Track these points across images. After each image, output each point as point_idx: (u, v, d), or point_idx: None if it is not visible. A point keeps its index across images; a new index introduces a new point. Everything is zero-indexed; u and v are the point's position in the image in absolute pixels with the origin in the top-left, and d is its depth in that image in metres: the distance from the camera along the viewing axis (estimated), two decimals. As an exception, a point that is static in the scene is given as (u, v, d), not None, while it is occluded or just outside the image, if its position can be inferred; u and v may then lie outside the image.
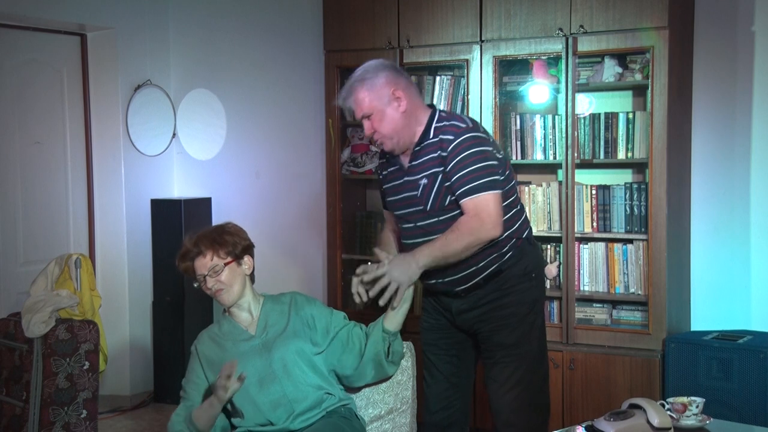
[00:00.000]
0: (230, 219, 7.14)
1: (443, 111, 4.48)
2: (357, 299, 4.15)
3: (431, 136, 4.30)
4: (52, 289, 5.79)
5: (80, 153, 7.24)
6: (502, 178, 4.28)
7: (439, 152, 4.25)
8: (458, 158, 4.18)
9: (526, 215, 4.48)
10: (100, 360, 5.80)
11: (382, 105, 4.22)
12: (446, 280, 4.33)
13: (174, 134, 7.59)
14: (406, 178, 4.35)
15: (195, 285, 4.30)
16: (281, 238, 7.36)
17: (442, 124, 4.32)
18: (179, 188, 7.71)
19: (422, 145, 4.32)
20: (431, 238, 4.27)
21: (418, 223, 4.37)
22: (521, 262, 4.36)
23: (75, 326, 5.61)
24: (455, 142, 4.21)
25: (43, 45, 6.97)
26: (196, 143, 7.54)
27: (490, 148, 4.26)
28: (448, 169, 4.20)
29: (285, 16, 7.27)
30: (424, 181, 4.30)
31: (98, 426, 5.72)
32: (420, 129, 4.33)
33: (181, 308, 7.24)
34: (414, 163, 4.32)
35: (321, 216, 6.85)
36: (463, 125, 4.30)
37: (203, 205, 7.45)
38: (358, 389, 4.38)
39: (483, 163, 4.16)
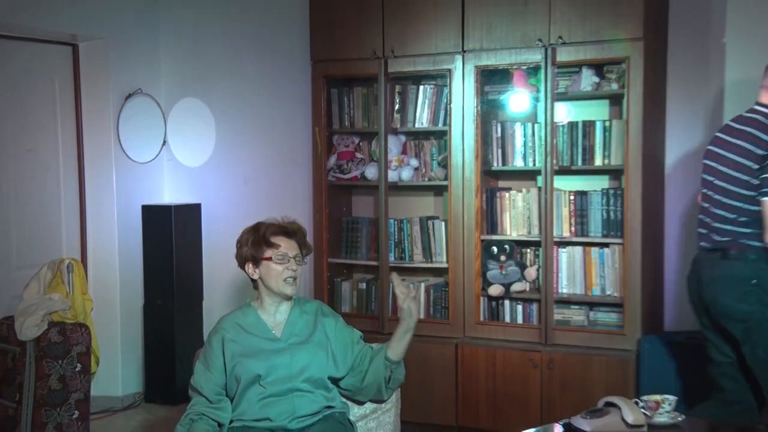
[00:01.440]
0: (219, 224, 7.31)
1: None
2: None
3: None
4: (44, 293, 5.81)
5: (72, 160, 7.25)
6: None
7: None
8: None
9: None
10: (92, 362, 5.84)
11: None
12: None
13: (164, 142, 7.61)
14: None
15: (265, 256, 4.23)
16: (269, 243, 7.41)
17: None
18: (169, 194, 7.70)
19: None
20: None
21: None
22: None
23: (67, 329, 5.67)
24: None
25: (35, 55, 6.96)
26: (186, 150, 7.59)
27: None
28: None
29: (273, 27, 7.31)
30: None
31: (90, 426, 5.77)
32: None
33: (171, 311, 7.25)
34: None
35: (308, 221, 6.79)
36: None
37: (193, 210, 7.47)
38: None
39: None
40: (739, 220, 4.77)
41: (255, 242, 4.28)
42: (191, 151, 7.59)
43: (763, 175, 4.66)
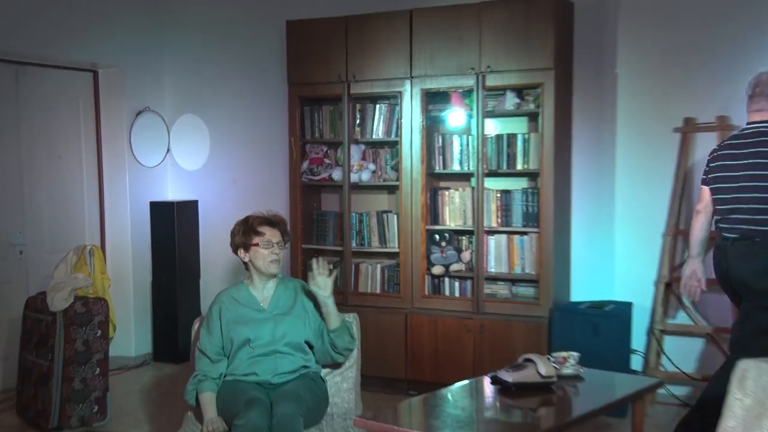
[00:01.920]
0: (213, 217, 7.35)
1: None
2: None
3: None
4: (71, 272, 5.76)
5: (93, 164, 7.20)
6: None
7: None
8: None
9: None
10: (110, 329, 5.81)
11: None
12: None
13: (168, 150, 7.54)
14: None
15: (254, 242, 4.25)
16: (254, 232, 7.40)
17: None
18: (172, 193, 7.65)
19: None
20: None
21: None
22: None
23: (89, 302, 5.65)
24: None
25: (64, 80, 6.93)
26: (185, 156, 7.55)
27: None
28: None
29: (256, 56, 7.26)
30: None
31: (109, 381, 5.74)
32: None
33: (174, 288, 7.29)
34: None
35: (285, 215, 6.43)
36: None
37: (191, 206, 7.46)
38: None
39: None
40: (759, 218, 4.56)
41: (245, 231, 4.31)
42: (190, 157, 7.55)
43: None
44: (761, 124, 4.66)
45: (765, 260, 4.48)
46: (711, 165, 4.87)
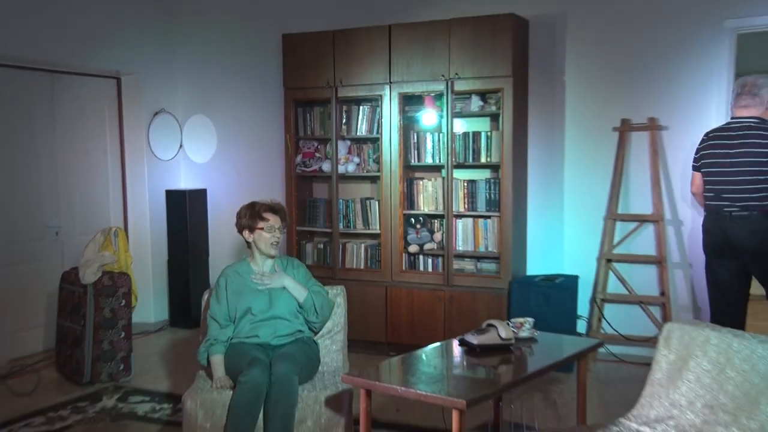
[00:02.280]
0: (220, 203, 7.37)
1: None
2: None
3: None
4: (98, 251, 5.75)
5: (117, 158, 7.20)
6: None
7: None
8: None
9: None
10: (132, 299, 5.82)
11: None
12: None
13: (180, 145, 7.53)
14: None
15: (255, 226, 4.30)
16: (255, 216, 7.39)
17: None
18: (184, 182, 7.63)
19: None
20: None
21: None
22: None
23: (115, 276, 5.68)
24: None
25: (91, 86, 6.92)
26: (195, 151, 7.54)
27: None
28: None
29: (257, 64, 7.23)
30: None
31: (132, 343, 5.78)
32: None
33: (186, 264, 7.31)
34: None
35: (281, 201, 6.38)
36: None
37: (201, 194, 7.43)
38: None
39: None
40: (754, 195, 4.80)
41: (251, 216, 4.35)
42: (199, 151, 7.55)
43: None
44: (748, 119, 4.85)
45: (757, 225, 4.79)
46: (702, 153, 5.04)
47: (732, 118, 4.98)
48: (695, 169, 5.12)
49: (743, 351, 3.29)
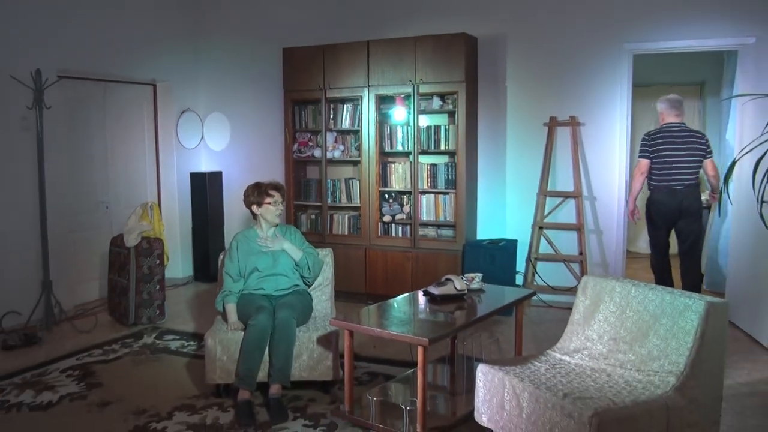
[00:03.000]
0: (232, 185, 7.34)
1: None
2: None
3: None
4: (138, 221, 5.76)
5: (152, 147, 7.12)
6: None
7: None
8: None
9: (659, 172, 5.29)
10: (165, 259, 5.84)
11: None
12: None
13: (202, 137, 7.44)
14: None
15: (260, 201, 4.27)
16: (261, 192, 7.34)
17: None
18: (205, 166, 7.53)
19: None
20: None
21: None
22: None
23: (151, 241, 5.68)
24: None
25: (133, 92, 6.86)
26: (213, 141, 7.45)
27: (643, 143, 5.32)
28: None
29: (262, 72, 7.13)
30: None
31: (165, 294, 5.80)
32: None
33: (206, 231, 7.27)
34: None
35: (282, 180, 6.71)
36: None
37: (218, 176, 7.39)
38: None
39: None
40: (695, 176, 5.26)
41: (259, 193, 4.32)
42: (217, 141, 7.44)
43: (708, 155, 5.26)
44: (680, 124, 5.30)
45: (695, 193, 5.28)
46: (654, 146, 5.28)
47: (667, 123, 5.34)
48: (646, 157, 5.31)
49: (638, 296, 3.39)
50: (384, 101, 6.34)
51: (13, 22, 5.52)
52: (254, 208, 4.35)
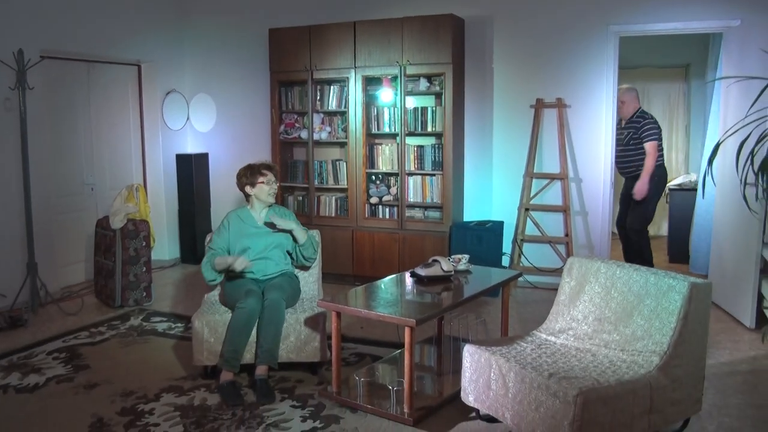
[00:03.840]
0: (219, 165, 7.32)
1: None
2: None
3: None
4: (124, 203, 5.76)
5: (137, 128, 7.07)
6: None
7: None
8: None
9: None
10: (151, 241, 5.82)
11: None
12: None
13: (187, 118, 7.37)
14: None
15: (257, 180, 4.23)
16: (247, 174, 7.34)
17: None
18: (191, 147, 7.48)
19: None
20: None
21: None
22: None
23: (137, 223, 5.65)
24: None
25: (118, 72, 6.80)
26: (199, 122, 7.39)
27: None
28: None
29: (249, 52, 7.08)
30: None
31: (152, 276, 5.77)
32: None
33: (192, 212, 7.21)
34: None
35: (269, 161, 6.81)
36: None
37: (204, 157, 7.35)
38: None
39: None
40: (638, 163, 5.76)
41: (252, 173, 4.29)
42: (202, 122, 7.38)
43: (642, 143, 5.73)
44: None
45: None
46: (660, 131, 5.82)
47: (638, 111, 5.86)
48: (660, 139, 5.79)
49: (623, 277, 3.43)
50: (371, 82, 6.31)
51: (-5, 1, 5.44)
52: (248, 189, 4.31)
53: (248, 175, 4.31)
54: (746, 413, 3.52)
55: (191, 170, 7.22)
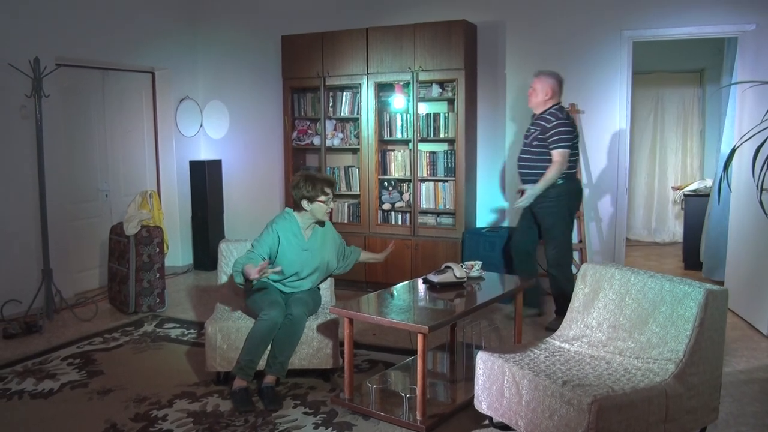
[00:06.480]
0: (232, 171, 7.34)
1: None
2: None
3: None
4: (138, 209, 5.80)
5: (151, 135, 7.11)
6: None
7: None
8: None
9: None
10: (164, 247, 5.84)
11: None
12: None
13: (201, 125, 7.44)
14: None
15: (317, 195, 4.03)
16: (260, 179, 7.21)
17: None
18: (204, 154, 7.52)
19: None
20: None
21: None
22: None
23: (150, 229, 5.68)
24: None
25: (132, 79, 6.85)
26: (212, 129, 7.45)
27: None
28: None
29: (261, 59, 7.12)
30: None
31: (165, 282, 5.80)
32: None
33: (206, 219, 7.27)
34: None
35: (281, 169, 6.82)
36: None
37: (217, 164, 7.37)
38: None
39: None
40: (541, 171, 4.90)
41: (314, 188, 4.04)
42: (216, 129, 7.45)
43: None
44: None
45: None
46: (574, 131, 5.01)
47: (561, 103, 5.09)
48: (573, 147, 4.99)
49: (638, 284, 3.40)
50: (383, 89, 6.32)
51: (12, 10, 5.50)
52: (304, 203, 4.08)
53: (310, 188, 4.06)
54: (764, 422, 3.48)
55: (204, 177, 7.25)
